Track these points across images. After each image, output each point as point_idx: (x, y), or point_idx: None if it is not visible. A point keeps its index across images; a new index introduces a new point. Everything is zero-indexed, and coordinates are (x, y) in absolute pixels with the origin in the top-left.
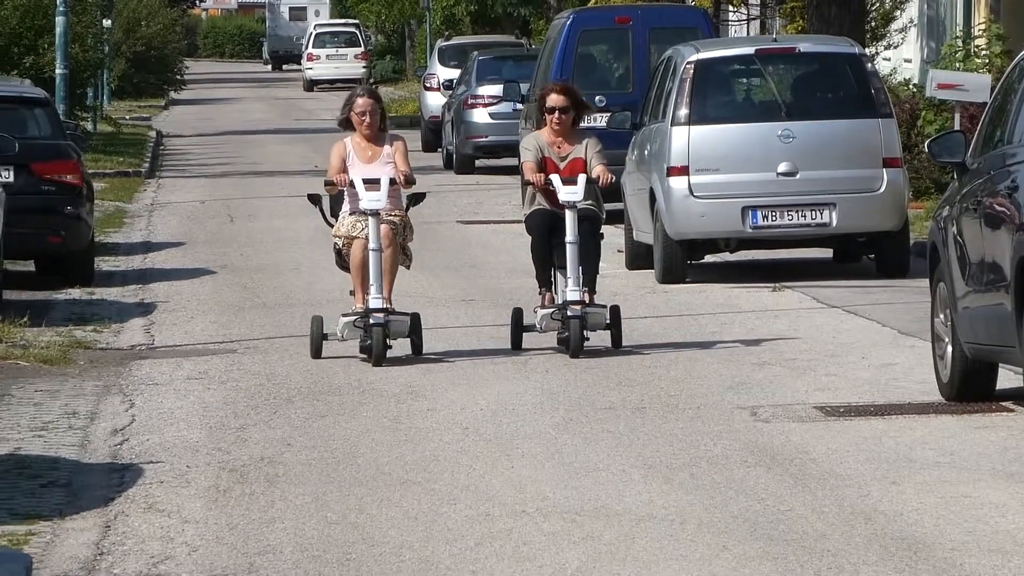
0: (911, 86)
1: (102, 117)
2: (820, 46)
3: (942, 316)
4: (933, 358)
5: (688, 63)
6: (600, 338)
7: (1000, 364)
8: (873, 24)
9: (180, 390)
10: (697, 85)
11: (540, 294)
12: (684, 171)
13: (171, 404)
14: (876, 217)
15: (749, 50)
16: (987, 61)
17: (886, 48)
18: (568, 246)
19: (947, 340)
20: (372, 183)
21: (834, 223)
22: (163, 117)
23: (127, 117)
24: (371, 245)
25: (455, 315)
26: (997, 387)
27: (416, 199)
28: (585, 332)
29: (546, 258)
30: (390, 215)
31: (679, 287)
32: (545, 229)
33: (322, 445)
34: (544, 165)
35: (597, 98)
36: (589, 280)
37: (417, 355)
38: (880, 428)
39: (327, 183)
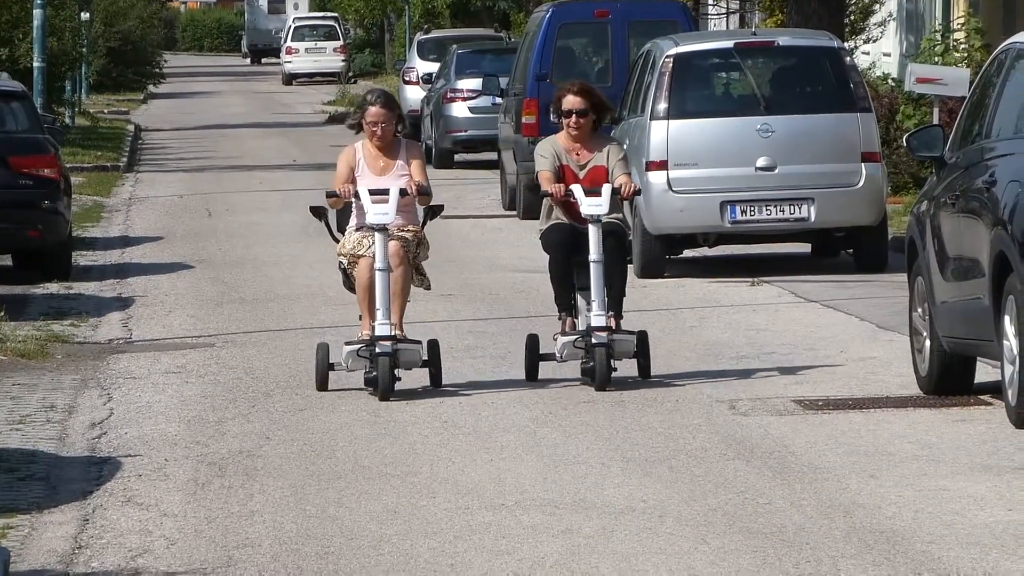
0: (890, 80)
1: (80, 111)
2: (799, 40)
3: (920, 310)
4: (911, 352)
5: (667, 57)
6: (624, 367)
7: (978, 358)
8: (852, 18)
9: (158, 384)
10: (676, 79)
11: (560, 319)
12: (663, 165)
13: (149, 398)
14: (854, 212)
15: (728, 44)
16: (966, 55)
17: (865, 42)
18: (592, 265)
19: (925, 334)
20: (380, 194)
21: (812, 218)
22: (141, 111)
23: (105, 111)
24: (377, 264)
25: (433, 309)
26: (975, 381)
27: (433, 212)
28: (612, 361)
29: (567, 279)
30: (402, 230)
31: (658, 282)
32: (565, 246)
33: (301, 439)
34: (562, 174)
35: None
36: (615, 303)
37: (436, 387)
38: (858, 422)
39: (329, 194)
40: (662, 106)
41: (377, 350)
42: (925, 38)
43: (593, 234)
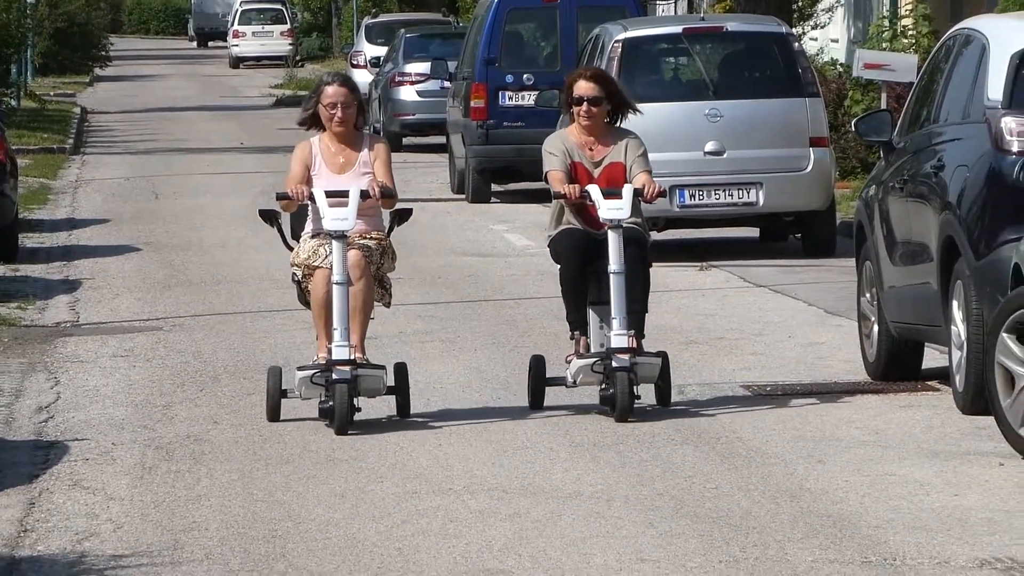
0: (838, 66)
1: (26, 93)
2: (747, 25)
3: (868, 295)
4: (859, 337)
5: (616, 42)
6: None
7: (926, 343)
8: (800, 4)
9: (105, 367)
10: (625, 64)
11: (572, 339)
12: None
13: (96, 382)
14: (803, 196)
15: (677, 29)
16: (914, 41)
17: (813, 28)
18: (612, 276)
19: (873, 319)
20: (338, 196)
21: (761, 202)
22: (88, 93)
23: (51, 93)
24: (335, 277)
25: None
26: (922, 366)
27: (401, 217)
28: (635, 388)
29: (580, 292)
30: (364, 238)
31: None
32: (579, 255)
33: (248, 423)
34: (573, 173)
35: (525, 76)
36: (636, 320)
37: (403, 417)
38: (806, 407)
39: (280, 196)
40: None
41: (334, 376)
42: (873, 24)
43: (613, 242)
